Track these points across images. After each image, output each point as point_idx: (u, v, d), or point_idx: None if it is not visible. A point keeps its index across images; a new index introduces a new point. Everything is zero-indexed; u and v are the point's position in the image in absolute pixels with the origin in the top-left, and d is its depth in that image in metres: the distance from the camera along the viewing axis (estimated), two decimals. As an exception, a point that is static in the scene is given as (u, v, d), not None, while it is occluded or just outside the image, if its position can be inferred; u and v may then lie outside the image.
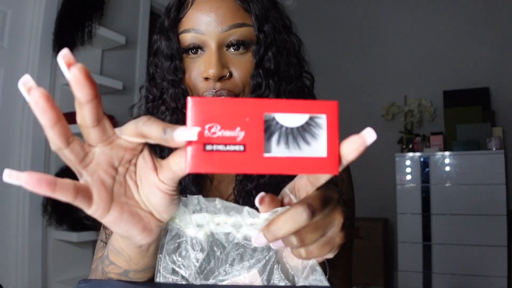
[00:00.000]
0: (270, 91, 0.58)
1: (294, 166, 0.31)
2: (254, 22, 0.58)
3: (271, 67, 0.59)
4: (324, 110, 0.31)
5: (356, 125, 3.08)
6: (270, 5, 0.61)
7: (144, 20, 2.60)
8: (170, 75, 0.60)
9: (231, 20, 0.57)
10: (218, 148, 0.30)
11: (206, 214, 0.43)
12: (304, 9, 3.43)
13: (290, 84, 0.61)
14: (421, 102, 2.95)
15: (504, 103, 2.74)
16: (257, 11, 0.58)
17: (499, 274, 2.31)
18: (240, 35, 0.58)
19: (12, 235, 1.85)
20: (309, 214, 0.32)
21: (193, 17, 0.58)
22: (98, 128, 0.31)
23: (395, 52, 3.14)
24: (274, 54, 0.59)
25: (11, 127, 1.89)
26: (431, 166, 2.56)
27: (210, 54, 0.57)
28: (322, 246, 0.36)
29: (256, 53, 0.58)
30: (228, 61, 0.58)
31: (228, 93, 0.58)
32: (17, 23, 1.91)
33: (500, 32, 2.81)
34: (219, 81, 0.57)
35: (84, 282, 0.43)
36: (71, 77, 0.28)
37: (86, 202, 0.32)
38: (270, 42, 0.59)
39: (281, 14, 0.63)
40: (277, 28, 0.60)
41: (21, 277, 1.83)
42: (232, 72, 0.58)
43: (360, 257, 2.66)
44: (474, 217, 2.41)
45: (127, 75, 2.44)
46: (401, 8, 3.17)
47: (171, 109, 0.61)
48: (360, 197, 2.39)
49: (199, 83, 0.59)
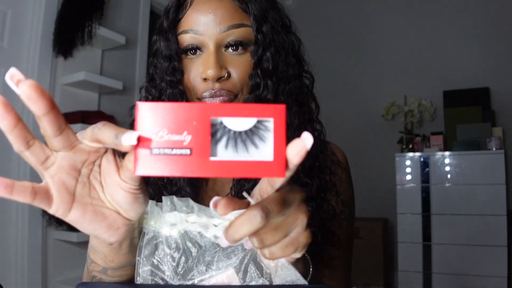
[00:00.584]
0: (268, 91, 0.58)
1: (240, 169, 0.31)
2: (253, 22, 0.58)
3: (269, 67, 0.59)
4: (271, 114, 0.31)
5: (356, 125, 3.09)
6: (268, 5, 0.61)
7: (144, 20, 2.60)
8: (168, 75, 0.60)
9: (230, 21, 0.57)
10: (165, 151, 0.31)
11: (177, 213, 0.45)
12: (304, 9, 3.43)
13: (288, 84, 0.61)
14: (421, 102, 2.95)
15: (504, 103, 2.74)
16: (255, 12, 0.58)
17: (499, 274, 2.31)
18: (239, 36, 0.58)
19: (12, 235, 1.85)
20: (262, 217, 0.32)
21: (191, 17, 0.58)
22: (60, 137, 0.33)
23: (395, 52, 3.14)
24: (272, 54, 0.59)
25: (11, 127, 1.89)
26: (431, 166, 2.56)
27: (209, 55, 0.57)
28: (286, 246, 0.36)
29: (255, 54, 0.58)
30: (227, 61, 0.58)
31: (227, 93, 0.58)
32: (17, 23, 1.91)
33: (500, 32, 2.81)
34: (217, 81, 0.57)
35: (82, 285, 0.44)
36: (21, 94, 0.30)
37: (46, 202, 0.33)
38: (269, 42, 0.59)
39: (280, 14, 0.63)
40: (275, 28, 0.60)
41: (21, 277, 1.83)
42: (230, 72, 0.58)
43: (360, 257, 2.66)
44: (474, 217, 2.41)
45: (127, 75, 2.44)
46: (401, 8, 3.17)
47: None
48: (360, 197, 2.40)
49: (198, 83, 0.59)
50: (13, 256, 1.84)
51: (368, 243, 2.77)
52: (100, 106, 2.25)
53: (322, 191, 0.62)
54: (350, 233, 0.68)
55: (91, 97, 2.19)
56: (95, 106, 2.21)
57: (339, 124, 3.21)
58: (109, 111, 2.20)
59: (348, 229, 0.66)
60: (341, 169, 0.67)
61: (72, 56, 2.02)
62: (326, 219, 0.61)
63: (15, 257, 1.84)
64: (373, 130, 3.15)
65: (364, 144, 3.14)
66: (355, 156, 3.37)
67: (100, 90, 2.21)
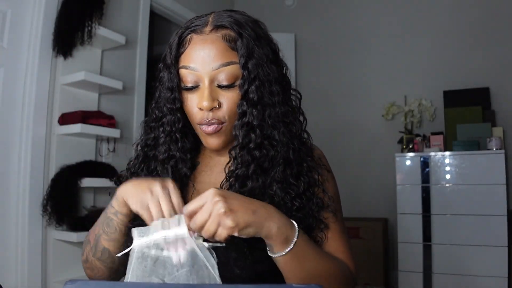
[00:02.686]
0: (253, 117, 0.69)
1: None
2: (240, 59, 0.68)
3: (255, 98, 0.69)
4: None
5: (356, 125, 3.10)
6: (254, 43, 0.70)
7: (144, 20, 2.60)
8: (169, 104, 0.73)
9: (220, 60, 0.68)
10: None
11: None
12: (304, 9, 3.43)
13: (274, 109, 0.71)
14: (421, 102, 2.95)
15: (504, 103, 2.74)
16: (242, 51, 0.68)
17: (499, 274, 2.31)
18: (228, 73, 0.68)
19: (12, 235, 1.85)
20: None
21: (189, 55, 0.70)
22: None
23: (395, 52, 3.14)
24: (257, 86, 0.69)
25: (11, 127, 1.89)
26: (431, 166, 2.56)
27: (204, 89, 0.69)
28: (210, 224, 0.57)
29: (242, 87, 0.69)
30: (218, 94, 0.69)
31: (218, 121, 0.70)
32: (17, 23, 1.91)
33: (500, 32, 2.81)
34: (211, 111, 0.69)
35: (71, 283, 0.45)
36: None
37: None
38: (254, 77, 0.69)
39: (265, 49, 0.72)
40: (260, 64, 0.70)
41: (21, 277, 1.83)
42: (221, 103, 0.69)
43: (360, 257, 2.66)
44: (474, 217, 2.41)
45: (127, 75, 2.44)
46: (401, 8, 3.16)
47: (167, 132, 0.75)
48: (360, 197, 2.45)
49: (195, 112, 0.71)
50: (13, 256, 1.84)
51: (368, 243, 2.77)
52: (100, 106, 2.25)
53: (311, 187, 0.73)
54: (341, 221, 0.78)
55: (91, 97, 2.19)
56: (95, 106, 2.21)
57: (339, 124, 3.21)
58: (109, 111, 2.20)
59: (338, 217, 0.77)
60: (326, 171, 0.78)
61: (72, 56, 2.02)
62: (315, 210, 0.71)
63: (15, 257, 1.84)
64: (373, 130, 3.15)
65: (364, 144, 3.14)
66: (355, 156, 3.39)
67: (100, 90, 2.21)
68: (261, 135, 0.69)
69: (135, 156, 0.81)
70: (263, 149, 0.70)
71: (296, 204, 0.69)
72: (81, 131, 1.92)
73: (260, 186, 0.70)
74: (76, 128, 1.93)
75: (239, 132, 0.70)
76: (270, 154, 0.70)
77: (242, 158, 0.70)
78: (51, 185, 1.90)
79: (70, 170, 1.96)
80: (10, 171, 1.87)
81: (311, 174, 0.73)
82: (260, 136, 0.69)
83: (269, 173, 0.70)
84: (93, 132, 2.01)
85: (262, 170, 0.70)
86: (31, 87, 1.91)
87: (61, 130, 1.99)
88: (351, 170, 3.05)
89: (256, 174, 0.69)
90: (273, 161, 0.70)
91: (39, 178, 1.91)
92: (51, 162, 1.99)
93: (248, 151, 0.70)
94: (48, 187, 1.91)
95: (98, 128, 2.03)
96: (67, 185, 1.91)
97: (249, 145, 0.69)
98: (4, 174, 1.85)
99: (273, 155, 0.70)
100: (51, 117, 1.99)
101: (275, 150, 0.70)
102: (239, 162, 0.70)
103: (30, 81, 1.91)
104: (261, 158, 0.70)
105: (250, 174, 0.69)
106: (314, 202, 0.71)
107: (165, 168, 0.74)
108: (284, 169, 0.70)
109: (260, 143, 0.70)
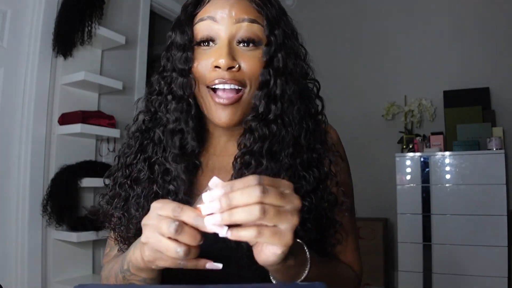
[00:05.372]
0: (277, 88, 0.61)
1: None
2: (266, 24, 0.62)
3: (280, 67, 0.62)
4: None
5: (356, 125, 3.10)
6: (281, 13, 0.65)
7: (144, 20, 2.60)
8: (181, 64, 0.62)
9: (245, 15, 0.61)
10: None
11: None
12: (304, 9, 3.43)
13: (295, 84, 0.64)
14: (421, 102, 2.95)
15: (504, 103, 2.74)
16: (269, 15, 0.62)
17: (499, 274, 2.31)
18: (251, 31, 0.61)
19: (12, 235, 1.85)
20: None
21: (208, 9, 0.62)
22: None
23: (395, 52, 3.14)
24: (283, 56, 0.62)
25: (11, 127, 1.88)
26: (431, 166, 2.56)
27: (222, 46, 0.60)
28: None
29: (267, 53, 0.61)
30: (238, 54, 0.61)
31: (237, 83, 0.60)
32: (17, 23, 1.90)
33: (501, 32, 2.81)
34: (228, 70, 0.59)
35: (80, 287, 0.43)
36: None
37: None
38: (280, 44, 0.62)
39: (290, 24, 0.67)
40: (287, 33, 0.64)
41: (21, 277, 1.83)
42: (241, 65, 0.60)
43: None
44: (474, 217, 2.41)
45: (127, 75, 2.44)
46: (401, 8, 3.16)
47: (178, 97, 0.63)
48: (360, 197, 2.41)
49: (207, 72, 0.61)
50: (13, 256, 1.84)
51: (368, 243, 2.77)
52: (100, 106, 2.25)
53: (323, 181, 0.64)
54: (353, 218, 0.72)
55: (91, 97, 2.19)
56: (95, 106, 2.21)
57: (339, 124, 3.19)
58: (109, 111, 2.20)
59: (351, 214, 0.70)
60: (340, 159, 0.69)
61: (72, 56, 2.02)
62: (327, 208, 0.63)
63: (15, 257, 1.84)
64: (373, 130, 3.15)
65: (364, 144, 3.14)
66: (355, 156, 3.36)
67: (100, 90, 2.21)
68: (282, 107, 0.61)
69: (127, 145, 0.69)
70: (279, 125, 0.61)
71: (306, 204, 0.59)
72: (81, 131, 1.92)
73: (272, 169, 0.61)
74: (76, 128, 1.93)
75: (259, 102, 0.61)
76: (282, 133, 0.61)
77: (259, 131, 0.60)
78: (51, 185, 1.90)
79: (70, 170, 1.96)
80: (10, 171, 1.87)
81: (322, 164, 0.65)
82: (280, 108, 0.61)
83: (277, 157, 0.62)
84: (93, 132, 2.01)
85: (271, 153, 0.61)
86: (31, 87, 1.91)
87: (61, 130, 1.99)
88: (351, 170, 3.04)
89: (269, 153, 0.61)
90: (283, 142, 0.62)
91: (39, 178, 1.91)
92: (51, 162, 1.99)
93: (265, 124, 0.61)
94: (48, 187, 1.91)
95: (98, 128, 2.03)
96: (67, 185, 1.91)
97: (268, 116, 0.61)
98: (4, 174, 1.85)
99: (283, 135, 0.62)
100: (51, 117, 1.99)
101: (286, 130, 0.62)
102: (256, 136, 0.61)
103: (30, 81, 1.91)
104: (275, 134, 0.61)
105: (265, 151, 0.60)
106: (325, 199, 0.63)
107: (173, 142, 0.63)
108: (293, 153, 0.62)
109: (280, 117, 0.61)
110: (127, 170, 0.67)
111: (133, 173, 0.66)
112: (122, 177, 0.67)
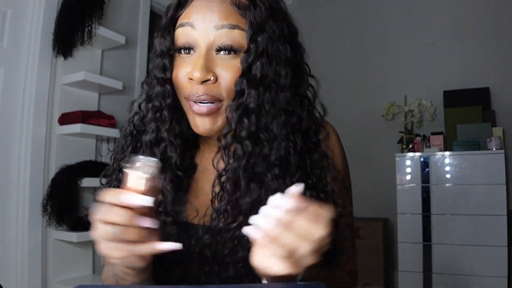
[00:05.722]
0: (251, 99, 0.57)
1: None
2: (248, 29, 0.58)
3: (257, 76, 0.57)
4: None
5: (356, 125, 3.09)
6: (268, 14, 0.59)
7: (144, 20, 2.60)
8: (158, 72, 0.60)
9: (225, 20, 0.57)
10: None
11: None
12: (304, 9, 3.43)
13: (276, 94, 0.59)
14: (421, 102, 2.95)
15: (504, 103, 2.74)
16: (252, 19, 0.57)
17: (499, 274, 2.31)
18: (231, 39, 0.57)
19: (12, 235, 1.85)
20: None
21: (189, 13, 0.59)
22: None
23: (395, 52, 3.14)
24: (263, 63, 0.57)
25: (11, 127, 1.88)
26: (431, 166, 2.56)
27: (198, 56, 0.57)
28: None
29: (245, 61, 0.57)
30: (216, 64, 0.57)
31: (211, 98, 0.57)
32: (17, 23, 1.90)
33: (501, 32, 2.81)
34: (202, 84, 0.56)
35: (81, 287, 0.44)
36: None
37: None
38: (261, 51, 0.57)
39: (280, 24, 0.61)
40: (271, 38, 0.58)
41: (21, 277, 1.83)
42: (217, 76, 0.57)
43: (360, 257, 2.65)
44: (474, 217, 2.41)
45: (127, 75, 2.44)
46: (401, 8, 3.16)
47: (156, 107, 0.61)
48: (360, 197, 2.43)
49: (184, 82, 0.59)
50: (13, 256, 1.84)
51: (368, 243, 2.77)
52: (100, 106, 2.25)
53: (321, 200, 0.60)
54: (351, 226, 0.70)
55: (91, 97, 2.19)
56: (95, 106, 2.21)
57: (339, 124, 3.19)
58: (109, 111, 2.20)
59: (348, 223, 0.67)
60: (338, 172, 0.66)
61: (72, 56, 2.02)
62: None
63: (15, 257, 1.84)
64: (373, 130, 3.15)
65: (364, 144, 3.13)
66: (355, 156, 3.36)
67: (100, 90, 2.21)
68: (256, 122, 0.57)
69: (121, 147, 0.68)
70: (257, 143, 0.57)
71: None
72: (81, 131, 1.92)
73: (253, 193, 0.56)
74: (76, 128, 1.92)
75: (233, 114, 0.57)
76: (264, 151, 0.57)
77: (235, 150, 0.57)
78: (51, 185, 1.90)
79: (70, 170, 1.96)
80: (10, 171, 1.87)
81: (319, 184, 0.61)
82: (254, 123, 0.56)
83: (261, 179, 0.57)
84: (93, 132, 2.01)
85: (253, 174, 0.57)
86: (31, 87, 1.91)
87: (61, 130, 1.99)
88: (351, 170, 3.04)
89: (250, 174, 0.57)
90: (265, 161, 0.57)
91: (39, 178, 1.91)
92: (51, 162, 1.99)
93: (238, 140, 0.57)
94: (48, 187, 1.91)
95: (98, 128, 2.03)
96: (67, 185, 1.91)
97: (241, 133, 0.56)
98: (4, 174, 1.85)
99: (265, 153, 0.57)
100: (51, 117, 1.99)
101: (269, 147, 0.57)
102: (231, 154, 0.58)
103: (30, 81, 1.91)
104: (252, 153, 0.56)
105: (242, 172, 0.56)
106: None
107: (153, 154, 0.60)
108: (280, 175, 0.57)
109: (255, 133, 0.57)
110: (120, 173, 0.64)
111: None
112: (116, 180, 0.65)
